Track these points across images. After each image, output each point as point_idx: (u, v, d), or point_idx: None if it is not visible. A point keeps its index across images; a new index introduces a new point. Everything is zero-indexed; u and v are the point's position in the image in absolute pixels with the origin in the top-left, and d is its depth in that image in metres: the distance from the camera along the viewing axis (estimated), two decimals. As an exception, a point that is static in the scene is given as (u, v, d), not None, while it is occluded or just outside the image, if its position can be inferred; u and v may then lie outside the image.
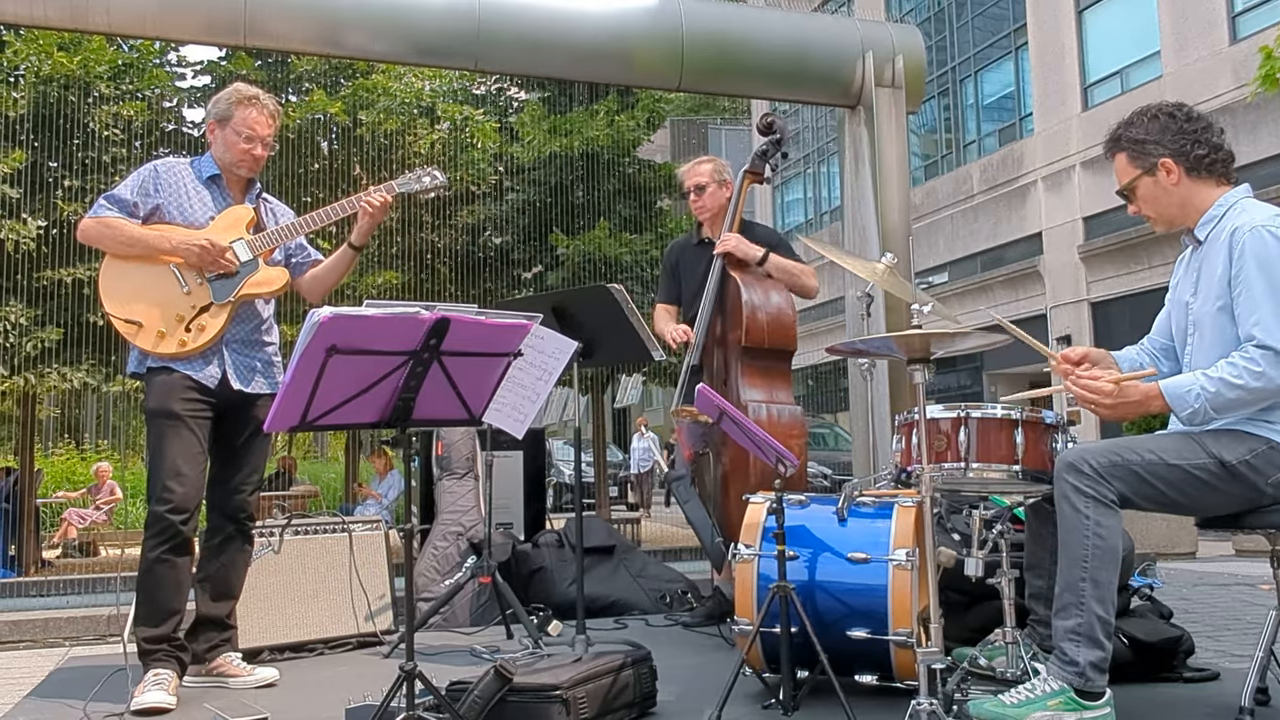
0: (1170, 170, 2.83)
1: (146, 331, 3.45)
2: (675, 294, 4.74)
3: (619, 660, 2.98)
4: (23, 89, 11.78)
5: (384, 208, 3.62)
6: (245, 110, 3.60)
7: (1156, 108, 2.89)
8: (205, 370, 3.48)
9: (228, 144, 3.62)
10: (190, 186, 3.60)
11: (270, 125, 3.67)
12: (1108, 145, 2.96)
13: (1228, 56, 15.92)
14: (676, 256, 4.82)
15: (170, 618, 3.40)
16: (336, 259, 3.77)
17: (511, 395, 3.45)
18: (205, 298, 3.50)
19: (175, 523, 3.35)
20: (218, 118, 3.64)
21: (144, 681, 3.29)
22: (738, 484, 4.04)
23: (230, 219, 3.61)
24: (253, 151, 3.62)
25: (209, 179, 3.64)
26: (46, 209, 11.55)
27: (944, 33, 23.39)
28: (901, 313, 5.79)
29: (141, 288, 3.48)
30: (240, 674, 3.57)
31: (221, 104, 3.65)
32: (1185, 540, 8.58)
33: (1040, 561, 3.08)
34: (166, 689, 3.26)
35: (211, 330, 3.48)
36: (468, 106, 13.89)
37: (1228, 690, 3.08)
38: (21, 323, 11.31)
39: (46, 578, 11.81)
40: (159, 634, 3.38)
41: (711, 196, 4.59)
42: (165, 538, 3.36)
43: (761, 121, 4.69)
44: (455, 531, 5.26)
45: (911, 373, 2.70)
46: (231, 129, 3.61)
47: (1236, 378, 2.58)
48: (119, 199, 3.52)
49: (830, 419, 19.05)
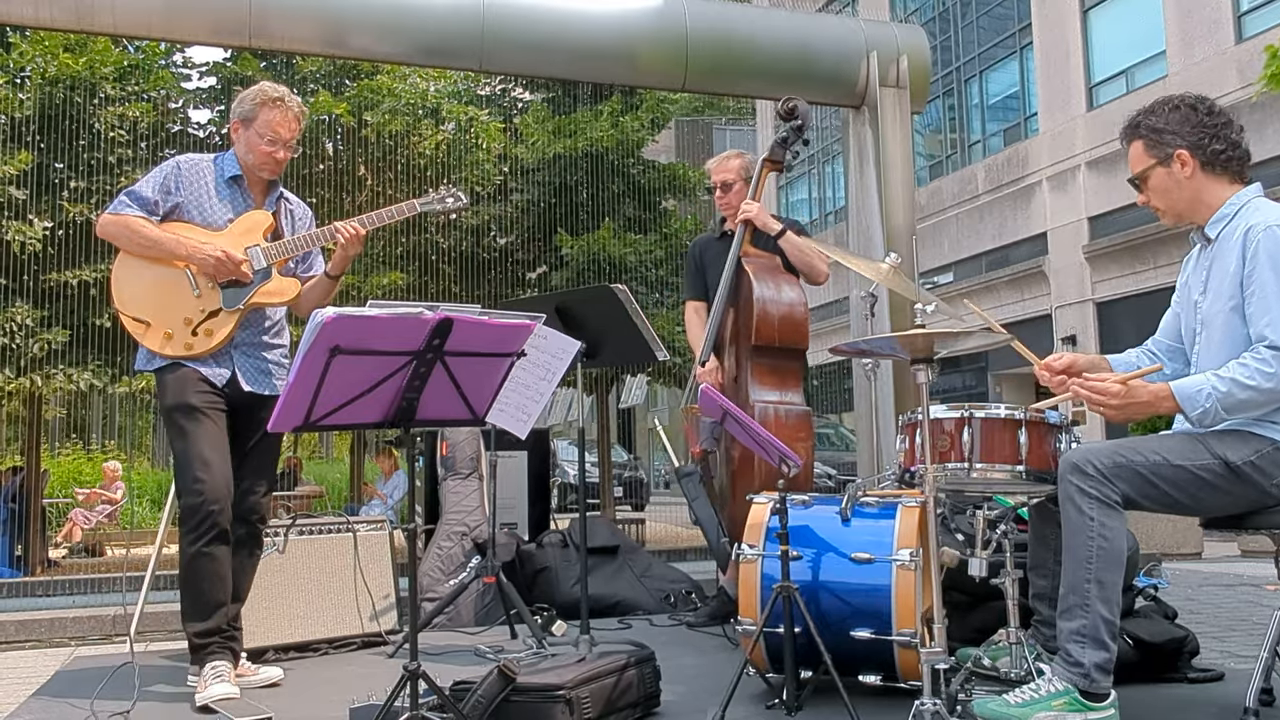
0: (1185, 163, 2.81)
1: (154, 331, 3.44)
2: (702, 289, 4.68)
3: (622, 660, 2.98)
4: (29, 90, 11.82)
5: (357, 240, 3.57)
6: (270, 112, 3.55)
7: (1179, 99, 2.86)
8: (215, 370, 3.47)
9: (250, 145, 3.57)
10: (211, 186, 3.57)
11: (294, 127, 3.61)
12: (1125, 131, 2.93)
13: (1233, 56, 15.89)
14: (701, 251, 4.77)
15: (218, 610, 3.39)
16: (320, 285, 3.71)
17: (515, 395, 3.45)
18: (215, 303, 3.48)
19: (213, 512, 3.31)
20: (242, 117, 3.58)
21: (204, 676, 3.29)
22: (744, 484, 4.03)
23: (248, 224, 3.58)
24: (275, 154, 3.58)
25: (231, 179, 3.59)
26: (53, 210, 11.59)
27: (949, 32, 23.36)
28: (906, 313, 5.80)
29: (153, 288, 3.47)
30: (245, 674, 3.55)
31: (246, 103, 3.59)
32: (1191, 540, 8.56)
33: (1044, 562, 3.07)
34: (228, 680, 3.27)
35: (219, 336, 3.47)
36: (472, 107, 13.90)
37: (1232, 691, 3.07)
38: (28, 324, 11.35)
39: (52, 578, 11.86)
40: (209, 627, 3.37)
41: (738, 194, 4.53)
42: (204, 529, 3.32)
43: (783, 106, 4.46)
44: (460, 531, 5.26)
45: (915, 373, 2.70)
46: (255, 130, 3.56)
47: (1249, 378, 2.57)
48: (140, 196, 3.48)
49: (835, 419, 19.03)
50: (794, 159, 4.50)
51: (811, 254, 4.38)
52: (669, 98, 15.16)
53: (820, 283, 4.51)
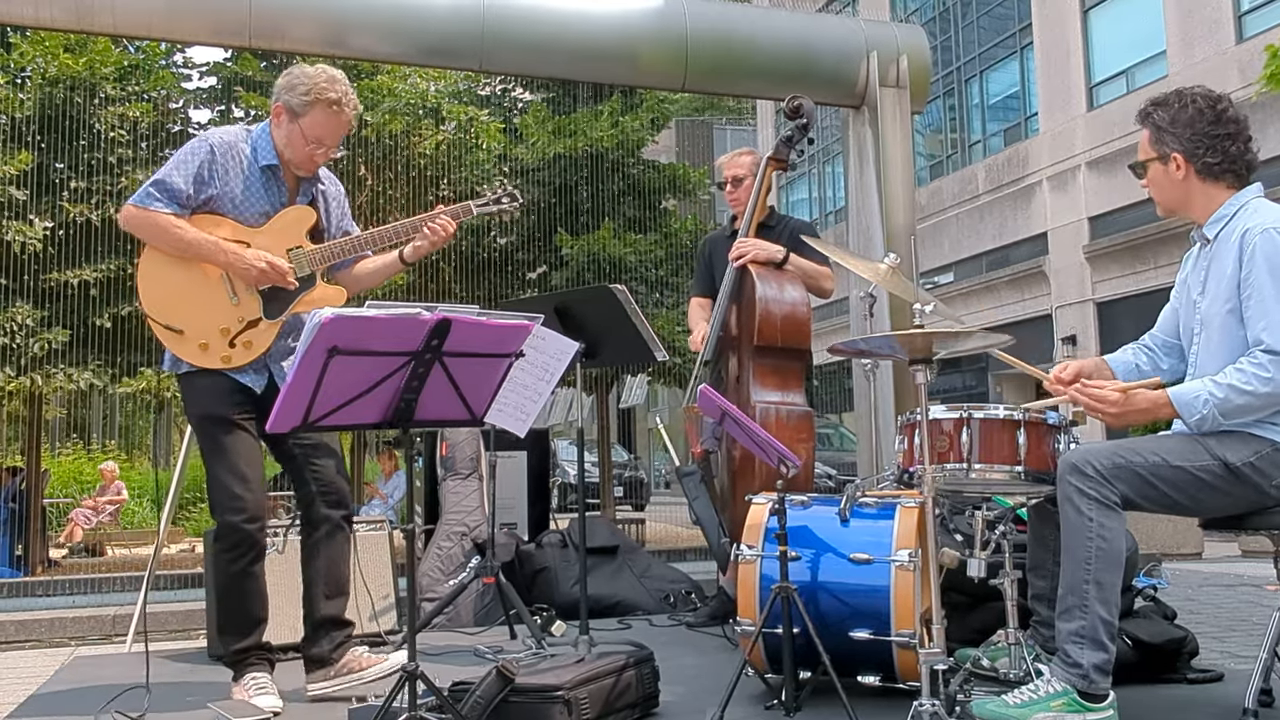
0: (1179, 166, 2.81)
1: (188, 341, 3.20)
2: (709, 286, 4.65)
3: (621, 661, 2.98)
4: (29, 90, 11.83)
5: (450, 235, 3.39)
6: (322, 114, 3.24)
7: (1194, 95, 2.81)
8: (254, 378, 3.26)
9: (291, 140, 3.26)
10: (245, 176, 3.26)
11: (345, 132, 3.34)
12: (1139, 115, 2.92)
13: (1233, 56, 15.89)
14: (710, 248, 4.77)
15: (259, 626, 3.30)
16: (386, 265, 3.50)
17: (513, 395, 3.44)
18: (255, 311, 3.23)
19: (252, 532, 3.18)
20: (289, 108, 3.25)
21: (245, 686, 3.22)
22: (745, 484, 4.02)
23: (288, 220, 3.31)
24: (315, 156, 3.30)
25: (266, 168, 3.29)
26: (53, 210, 11.60)
27: (949, 33, 23.36)
28: (905, 313, 5.79)
29: (186, 291, 3.19)
30: (370, 664, 3.34)
31: (298, 94, 3.24)
32: (1191, 541, 8.56)
33: (1043, 562, 3.07)
34: (272, 692, 3.21)
35: (258, 348, 3.24)
36: (473, 107, 13.91)
37: (1232, 691, 3.06)
38: (28, 324, 11.35)
39: (53, 578, 11.87)
40: (249, 644, 3.29)
41: (747, 190, 4.51)
42: (244, 549, 3.20)
43: (789, 104, 4.38)
44: (459, 532, 5.27)
45: (914, 373, 2.70)
46: (301, 127, 3.24)
47: (1245, 383, 2.57)
48: (171, 189, 3.17)
49: (835, 419, 19.03)
50: (799, 157, 4.47)
51: (816, 276, 4.35)
52: (669, 98, 15.18)
53: (826, 298, 4.50)
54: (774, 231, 4.52)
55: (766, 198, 4.48)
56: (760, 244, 4.29)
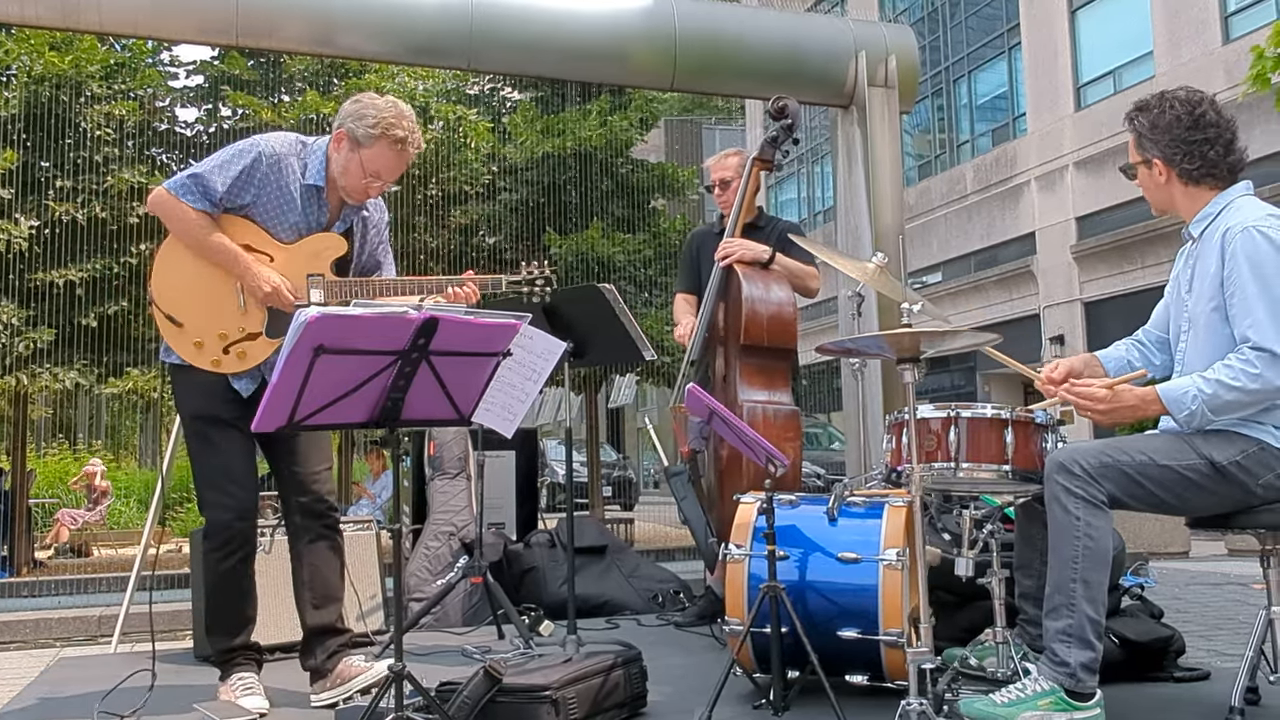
0: (1161, 171, 2.85)
1: (185, 335, 3.18)
2: (695, 282, 4.65)
3: (609, 660, 2.98)
4: (14, 88, 11.76)
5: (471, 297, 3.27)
6: (387, 149, 3.19)
7: (1175, 99, 2.81)
8: (244, 383, 3.23)
9: (349, 169, 3.21)
10: (287, 190, 3.21)
11: (403, 169, 3.31)
12: (1125, 118, 2.94)
13: (1220, 57, 15.96)
14: (698, 245, 4.76)
15: (248, 625, 3.31)
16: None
17: (501, 395, 3.43)
18: (257, 325, 3.20)
19: (243, 529, 3.19)
20: (353, 137, 3.19)
21: (232, 686, 3.23)
22: (732, 483, 4.02)
23: (318, 246, 3.26)
24: (370, 188, 3.26)
25: (312, 187, 3.25)
26: (38, 209, 11.54)
27: (937, 32, 23.42)
28: (893, 312, 5.79)
29: (198, 288, 3.17)
30: (360, 672, 3.28)
31: (366, 124, 3.18)
32: (1178, 540, 8.60)
33: (1030, 561, 3.07)
34: (259, 692, 3.22)
35: (251, 360, 3.21)
36: (461, 106, 13.89)
37: (1218, 690, 3.08)
38: (14, 323, 11.30)
39: (38, 578, 11.81)
40: (237, 644, 3.30)
41: (735, 191, 4.52)
42: (234, 546, 3.20)
43: (774, 105, 4.40)
44: (447, 531, 5.25)
45: (901, 372, 2.70)
46: (361, 158, 3.19)
47: (1233, 380, 2.58)
48: (209, 188, 3.12)
49: (823, 419, 19.06)
50: (784, 158, 4.48)
51: (802, 276, 4.37)
52: (658, 97, 15.16)
53: (812, 297, 4.51)
54: (763, 232, 4.52)
55: (754, 198, 4.49)
56: (746, 244, 4.30)
